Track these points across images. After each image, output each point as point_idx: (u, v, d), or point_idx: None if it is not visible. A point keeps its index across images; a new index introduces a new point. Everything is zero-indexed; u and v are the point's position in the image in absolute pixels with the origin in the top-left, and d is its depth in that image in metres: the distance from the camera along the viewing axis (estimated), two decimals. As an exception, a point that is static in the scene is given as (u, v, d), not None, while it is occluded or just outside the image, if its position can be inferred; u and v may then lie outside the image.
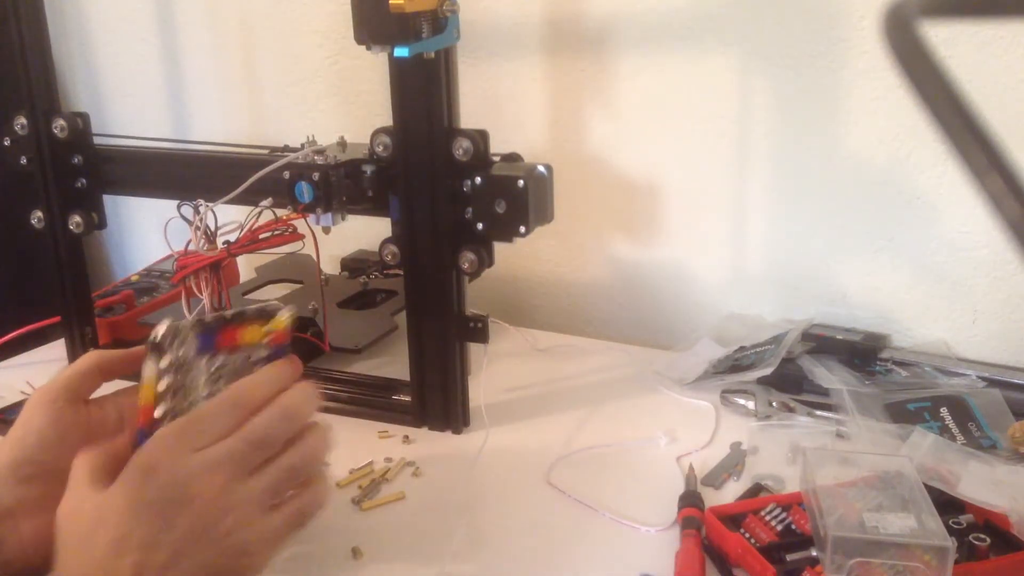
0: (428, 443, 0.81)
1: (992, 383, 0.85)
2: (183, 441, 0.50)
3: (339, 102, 1.20)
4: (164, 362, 0.54)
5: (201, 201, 0.79)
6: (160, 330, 0.54)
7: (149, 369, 0.54)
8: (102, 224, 0.95)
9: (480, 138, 0.75)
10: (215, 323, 0.56)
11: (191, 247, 0.81)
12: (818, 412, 0.82)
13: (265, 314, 0.57)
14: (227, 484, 0.50)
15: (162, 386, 0.53)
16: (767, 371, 0.87)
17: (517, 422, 0.85)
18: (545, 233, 0.82)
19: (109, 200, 0.95)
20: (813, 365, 0.88)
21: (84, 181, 0.92)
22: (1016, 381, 0.86)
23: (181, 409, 0.55)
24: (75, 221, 0.92)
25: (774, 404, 0.84)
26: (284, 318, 0.57)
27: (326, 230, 0.78)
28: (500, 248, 0.78)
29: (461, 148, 0.75)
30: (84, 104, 1.39)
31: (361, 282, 1.09)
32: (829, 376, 0.86)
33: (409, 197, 0.78)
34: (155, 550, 0.47)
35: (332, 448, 0.56)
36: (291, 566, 0.64)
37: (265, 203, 0.78)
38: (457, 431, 0.83)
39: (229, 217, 0.81)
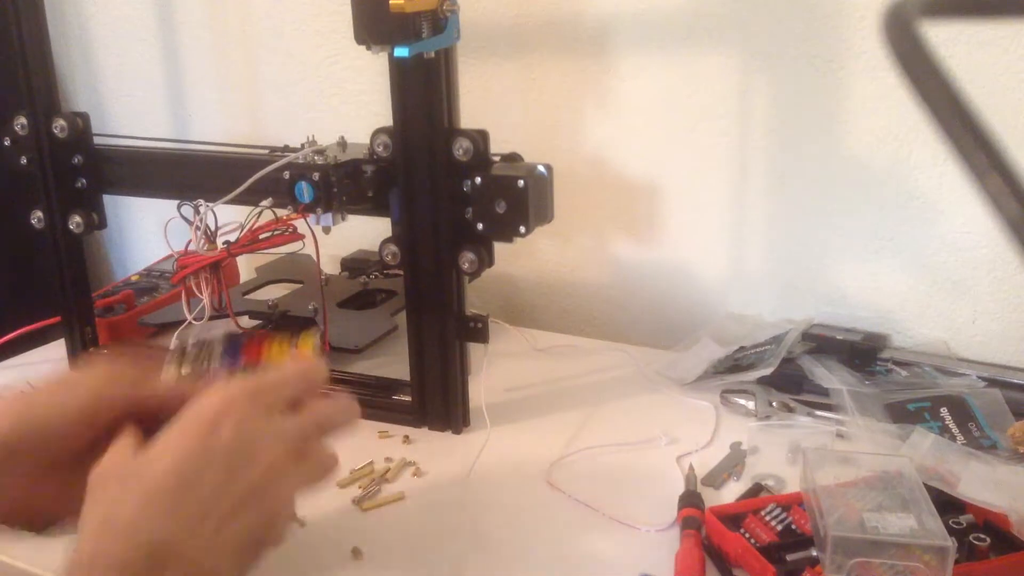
0: (428, 443, 0.81)
1: (992, 383, 0.85)
2: (255, 401, 0.51)
3: (339, 102, 1.20)
4: (185, 370, 0.59)
5: (201, 201, 0.79)
6: (188, 343, 0.59)
7: (169, 374, 0.58)
8: (102, 224, 0.94)
9: (480, 138, 0.75)
10: (240, 336, 0.60)
11: (191, 247, 0.80)
12: (818, 412, 0.82)
13: (292, 334, 0.60)
14: (286, 456, 0.51)
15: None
16: (767, 371, 0.87)
17: (517, 422, 0.85)
18: (545, 233, 0.82)
19: (109, 200, 0.95)
20: (813, 365, 0.88)
21: (84, 181, 0.92)
22: (1016, 381, 0.86)
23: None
24: (75, 221, 0.92)
25: (774, 404, 0.84)
26: (309, 343, 0.60)
27: (326, 230, 0.78)
28: (500, 248, 0.78)
29: (461, 148, 0.75)
30: (84, 104, 1.39)
31: (361, 282, 1.09)
32: (829, 376, 0.86)
33: (409, 197, 0.78)
34: (222, 498, 0.48)
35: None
36: (291, 566, 0.64)
37: (265, 203, 0.78)
38: (457, 431, 0.83)
39: (229, 217, 0.81)
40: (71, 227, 0.92)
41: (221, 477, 0.48)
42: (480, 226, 0.76)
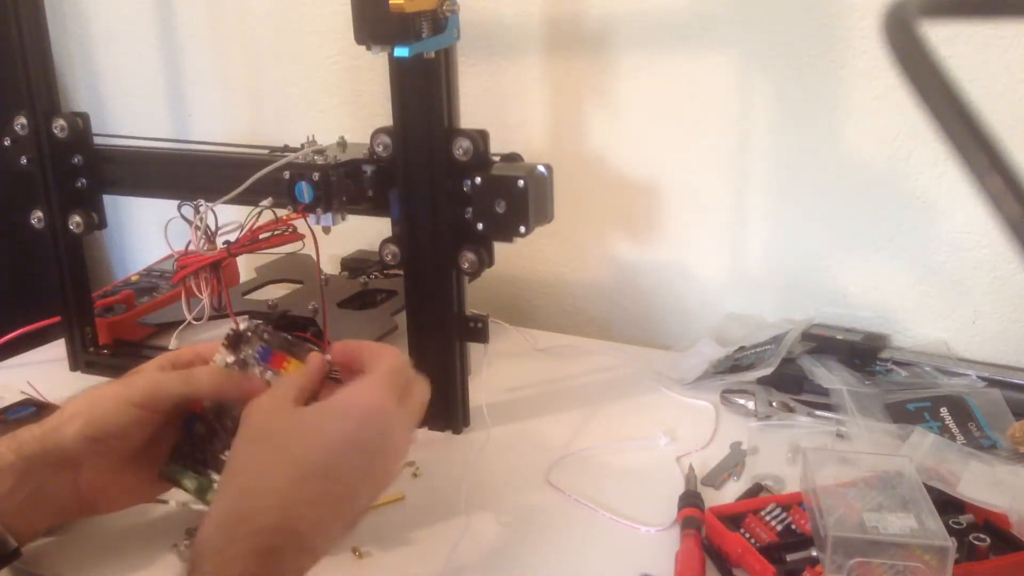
0: (428, 443, 0.81)
1: (992, 383, 0.85)
2: (394, 391, 0.57)
3: (339, 102, 1.20)
4: (232, 358, 0.64)
5: (201, 201, 0.79)
6: (242, 325, 0.65)
7: (220, 359, 0.64)
8: (102, 224, 0.94)
9: (480, 138, 0.75)
10: (276, 341, 0.65)
11: (191, 247, 0.80)
12: (818, 412, 0.82)
13: (304, 351, 0.65)
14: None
15: None
16: (767, 371, 0.87)
17: (517, 422, 0.85)
18: (545, 233, 0.82)
19: (109, 200, 0.95)
20: (813, 365, 0.88)
21: (84, 181, 0.92)
22: (1016, 381, 0.86)
23: (227, 409, 0.64)
24: (75, 221, 0.92)
25: (774, 404, 0.84)
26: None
27: (326, 230, 0.78)
28: (500, 248, 0.78)
29: (461, 148, 0.75)
30: (84, 104, 1.39)
31: (361, 282, 1.09)
32: (829, 376, 0.86)
33: (409, 197, 0.78)
34: (342, 485, 0.54)
35: None
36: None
37: (265, 203, 0.78)
38: (457, 431, 0.83)
39: (229, 217, 0.81)
40: (71, 227, 0.92)
41: (358, 469, 0.54)
42: (480, 226, 0.76)
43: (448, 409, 0.82)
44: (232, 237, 0.80)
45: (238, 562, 0.50)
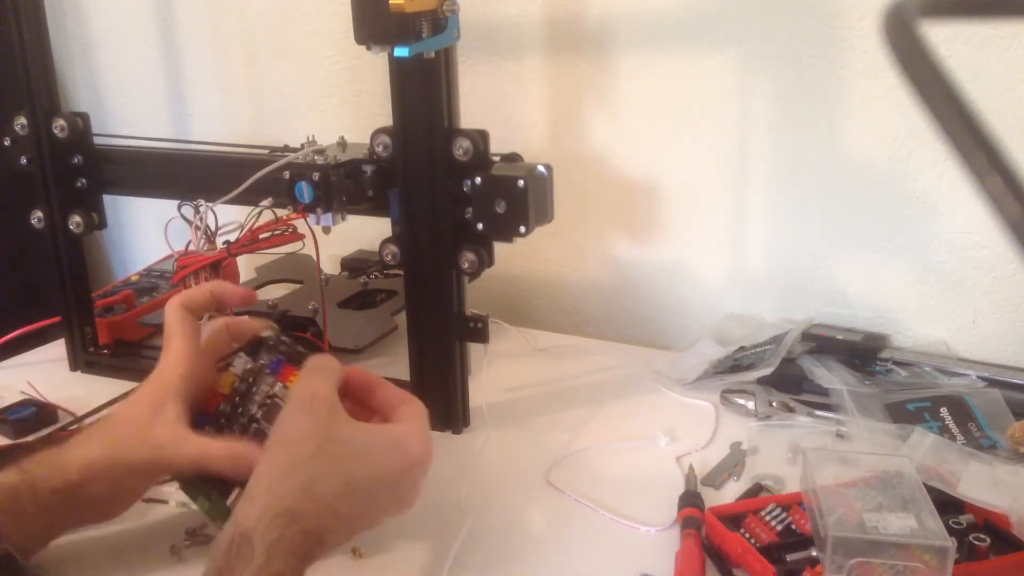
0: (428, 443, 0.81)
1: (992, 383, 0.85)
2: (429, 440, 0.61)
3: (339, 102, 1.20)
4: (250, 364, 0.64)
5: (201, 201, 0.79)
6: (265, 333, 0.65)
7: (240, 364, 0.64)
8: (102, 224, 0.95)
9: (480, 138, 0.75)
10: (290, 353, 0.65)
11: (191, 247, 0.81)
12: (818, 412, 0.82)
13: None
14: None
15: (242, 386, 0.63)
16: (767, 371, 0.87)
17: (517, 422, 0.85)
18: (545, 233, 0.82)
19: (109, 200, 0.95)
20: (813, 365, 0.88)
21: (84, 181, 0.92)
22: (1016, 381, 0.86)
23: (236, 415, 0.63)
24: (75, 221, 0.92)
25: (774, 404, 0.84)
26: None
27: (326, 230, 0.78)
28: (500, 248, 0.78)
29: (461, 148, 0.75)
30: (84, 104, 1.39)
31: (361, 282, 1.09)
32: (829, 376, 0.86)
33: (409, 197, 0.78)
34: (364, 511, 0.57)
35: None
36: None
37: (265, 203, 0.78)
38: (457, 431, 0.83)
39: (229, 217, 0.81)
40: (71, 227, 0.92)
41: (380, 501, 0.58)
42: (480, 226, 0.76)
43: (448, 409, 0.82)
44: (232, 237, 0.80)
45: (282, 561, 0.50)
